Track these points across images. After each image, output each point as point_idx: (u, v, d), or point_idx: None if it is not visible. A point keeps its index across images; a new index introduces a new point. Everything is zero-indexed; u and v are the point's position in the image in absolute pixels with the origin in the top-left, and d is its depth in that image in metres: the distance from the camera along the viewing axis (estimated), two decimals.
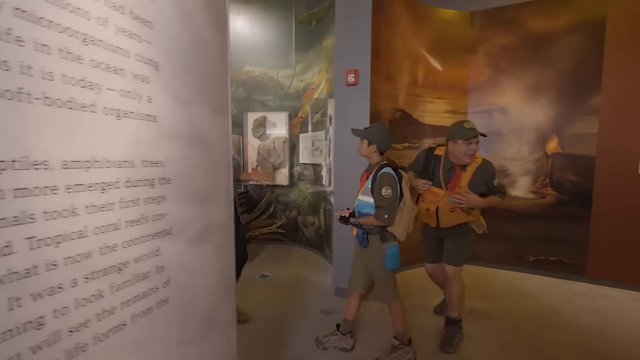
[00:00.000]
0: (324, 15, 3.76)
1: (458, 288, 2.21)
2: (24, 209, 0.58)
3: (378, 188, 1.82)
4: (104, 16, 0.72)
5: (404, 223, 1.88)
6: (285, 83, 4.39)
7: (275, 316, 2.55)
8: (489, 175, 2.10)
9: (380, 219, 1.81)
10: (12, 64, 0.56)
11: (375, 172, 1.88)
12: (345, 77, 2.71)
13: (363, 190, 1.93)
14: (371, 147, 1.91)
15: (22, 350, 0.58)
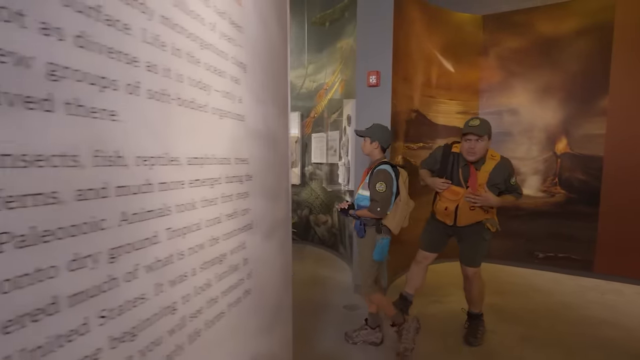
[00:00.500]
0: (338, 17, 3.81)
1: (479, 286, 2.28)
2: (165, 202, 0.63)
3: (373, 183, 1.93)
4: (213, 21, 0.77)
5: (398, 217, 1.98)
6: (297, 83, 4.43)
7: (302, 312, 2.60)
8: (507, 173, 2.08)
9: (373, 211, 1.92)
10: (158, 67, 0.61)
11: (373, 169, 1.98)
12: (367, 78, 2.77)
13: (363, 185, 2.04)
14: (373, 145, 2.01)
15: (162, 333, 0.63)
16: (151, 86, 0.58)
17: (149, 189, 0.58)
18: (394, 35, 2.77)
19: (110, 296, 0.51)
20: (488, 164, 2.07)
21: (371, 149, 2.02)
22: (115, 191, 0.52)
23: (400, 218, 1.99)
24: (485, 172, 2.06)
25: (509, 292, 3.04)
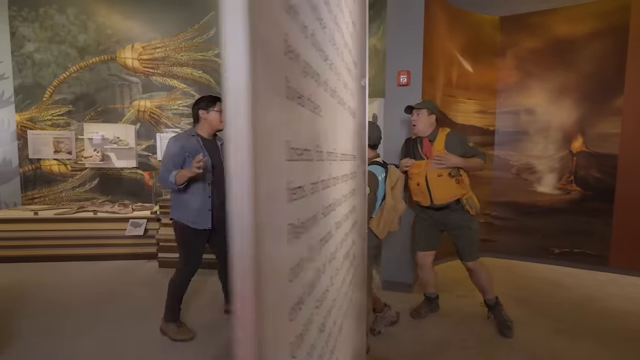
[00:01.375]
0: None
1: (485, 274, 2.36)
2: (334, 197, 0.64)
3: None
4: (347, 21, 0.79)
5: (383, 222, 1.95)
6: None
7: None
8: (461, 137, 2.29)
9: None
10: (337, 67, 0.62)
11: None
12: (397, 77, 2.80)
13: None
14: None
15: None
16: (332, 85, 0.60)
17: (334, 183, 0.60)
18: (423, 36, 2.81)
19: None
20: (440, 135, 2.28)
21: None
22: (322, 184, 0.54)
23: (385, 222, 1.95)
24: (440, 142, 2.26)
25: (530, 287, 3.12)
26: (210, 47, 4.47)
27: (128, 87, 4.51)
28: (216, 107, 2.09)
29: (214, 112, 2.08)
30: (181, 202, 2.09)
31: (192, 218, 2.08)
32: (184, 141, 2.05)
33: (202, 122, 2.11)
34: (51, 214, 3.82)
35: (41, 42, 4.34)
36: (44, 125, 4.42)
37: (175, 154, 2.03)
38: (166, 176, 2.01)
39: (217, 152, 2.18)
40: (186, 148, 2.04)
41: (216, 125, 2.12)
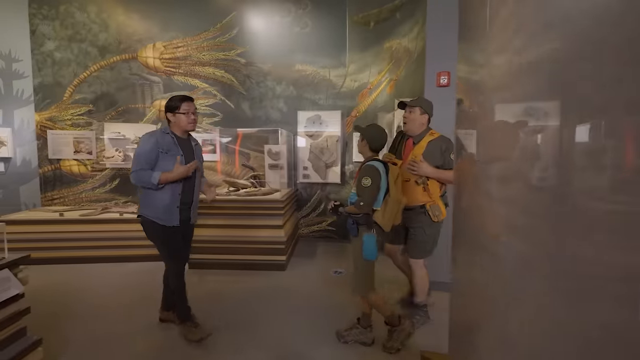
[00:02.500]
0: (386, 17, 3.85)
1: (421, 277, 2.40)
2: None
3: (359, 179, 1.95)
4: None
5: (388, 214, 1.98)
6: (337, 82, 4.45)
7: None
8: (445, 146, 2.19)
9: (357, 205, 1.93)
10: None
11: (361, 165, 2.02)
12: (437, 78, 2.82)
13: (355, 183, 2.05)
14: (363, 143, 2.05)
15: None
16: None
17: None
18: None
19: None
20: (425, 139, 2.25)
21: (361, 146, 2.08)
22: None
23: (389, 214, 1.98)
24: (421, 147, 2.24)
25: None
26: (232, 46, 4.45)
27: (149, 86, 4.46)
28: (181, 109, 2.06)
29: (179, 114, 2.07)
30: (151, 199, 2.07)
31: (160, 215, 2.07)
32: (159, 137, 2.05)
33: (172, 124, 2.12)
34: (76, 215, 3.77)
35: (61, 40, 4.28)
36: (64, 125, 4.36)
37: (150, 150, 2.01)
38: (145, 176, 1.98)
39: (190, 152, 2.17)
40: (160, 144, 2.03)
41: (184, 126, 2.10)
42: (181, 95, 2.13)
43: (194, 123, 2.13)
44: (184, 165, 2.03)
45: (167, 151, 2.04)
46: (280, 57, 4.45)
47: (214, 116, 4.53)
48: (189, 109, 2.08)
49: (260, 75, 4.49)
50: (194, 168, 2.09)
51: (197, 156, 2.22)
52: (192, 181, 2.19)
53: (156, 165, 2.04)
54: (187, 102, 2.09)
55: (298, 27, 4.42)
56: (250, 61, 4.47)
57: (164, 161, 2.04)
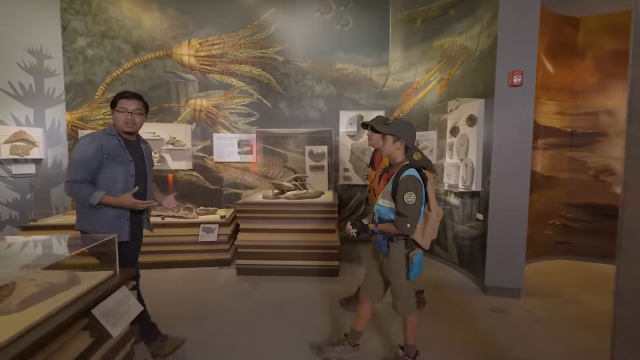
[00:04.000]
0: (436, 15, 3.74)
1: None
2: None
3: (400, 193, 1.62)
4: None
5: (429, 231, 1.71)
6: (379, 81, 4.33)
7: (457, 317, 2.53)
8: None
9: (401, 228, 1.63)
10: None
11: (398, 174, 1.67)
12: (509, 78, 2.72)
13: (383, 194, 1.74)
14: (397, 144, 1.70)
15: None
16: None
17: None
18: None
19: None
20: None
21: (393, 149, 1.71)
22: None
23: (431, 231, 1.72)
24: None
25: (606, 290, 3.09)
26: (270, 43, 4.31)
27: (184, 85, 4.30)
28: (118, 106, 1.75)
29: (116, 112, 1.76)
30: (93, 210, 1.73)
31: (107, 229, 1.71)
32: (102, 140, 1.73)
33: (114, 122, 1.81)
34: None
35: (93, 36, 4.10)
36: (96, 125, 4.19)
37: (91, 156, 1.68)
38: (82, 192, 1.67)
39: (140, 157, 1.90)
40: (105, 149, 1.72)
41: (119, 126, 1.77)
42: (125, 91, 1.82)
43: (132, 125, 1.77)
44: (132, 199, 1.70)
45: (114, 157, 1.73)
46: (320, 55, 4.33)
47: (251, 116, 4.38)
48: (126, 107, 1.75)
49: (299, 74, 4.36)
50: (144, 207, 1.79)
51: (147, 160, 1.95)
52: (142, 188, 1.87)
53: (99, 173, 1.72)
54: (126, 99, 1.77)
55: (339, 25, 4.30)
56: (289, 59, 4.33)
57: (110, 169, 1.73)
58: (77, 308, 1.00)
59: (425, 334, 2.28)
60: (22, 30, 3.81)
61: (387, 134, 1.70)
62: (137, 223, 1.92)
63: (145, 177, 1.92)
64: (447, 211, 3.60)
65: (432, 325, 2.41)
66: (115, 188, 1.75)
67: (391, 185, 1.68)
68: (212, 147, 4.35)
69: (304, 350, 2.11)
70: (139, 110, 1.80)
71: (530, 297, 2.88)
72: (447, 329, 2.37)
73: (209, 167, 4.39)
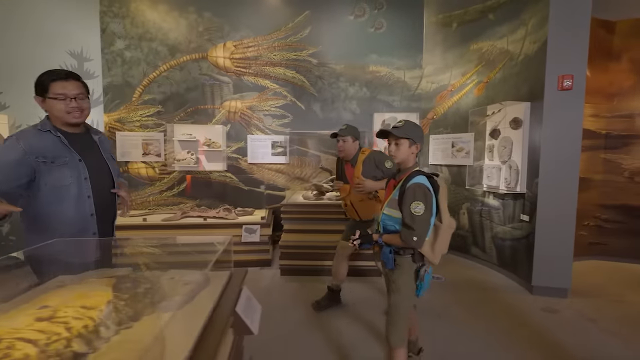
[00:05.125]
0: (473, 18, 3.79)
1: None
2: None
3: (407, 202, 1.45)
4: None
5: (440, 245, 1.55)
6: (412, 84, 4.38)
7: (510, 318, 2.58)
8: (378, 158, 2.40)
9: (407, 241, 1.47)
10: None
11: (405, 181, 1.49)
12: (559, 81, 2.77)
13: (389, 202, 1.56)
14: (412, 148, 1.54)
15: None
16: None
17: None
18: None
19: None
20: (359, 159, 2.44)
21: (408, 153, 1.54)
22: None
23: (442, 245, 1.55)
24: (358, 168, 2.43)
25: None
26: (304, 46, 4.35)
27: (219, 86, 4.35)
28: (51, 93, 1.36)
29: (49, 100, 1.38)
30: (42, 224, 1.37)
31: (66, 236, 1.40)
32: (32, 140, 1.35)
33: (47, 113, 1.44)
34: (158, 219, 3.65)
35: (131, 39, 4.14)
36: (133, 127, 4.23)
37: (14, 161, 1.30)
38: None
39: (94, 152, 1.52)
40: (37, 150, 1.34)
41: (61, 117, 1.40)
42: (53, 70, 1.39)
43: (79, 113, 1.41)
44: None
45: (53, 159, 1.36)
46: (354, 58, 4.37)
47: (284, 117, 4.43)
48: (66, 92, 1.37)
49: (333, 76, 4.40)
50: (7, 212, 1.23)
51: (105, 153, 1.57)
52: (106, 192, 1.53)
53: (39, 181, 1.35)
54: (62, 82, 1.37)
55: (372, 28, 4.34)
56: (322, 62, 4.38)
57: (52, 174, 1.36)
58: (228, 306, 1.04)
59: (482, 333, 2.33)
60: (64, 34, 3.86)
61: (402, 138, 1.51)
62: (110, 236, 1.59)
63: (108, 176, 1.54)
64: (486, 212, 3.65)
65: (488, 325, 2.46)
66: (67, 197, 1.38)
67: (397, 193, 1.51)
68: (246, 148, 4.40)
69: (371, 349, 2.16)
70: (82, 93, 1.43)
71: (576, 297, 2.93)
72: (502, 329, 2.42)
73: (243, 168, 4.43)
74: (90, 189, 1.45)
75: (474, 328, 2.42)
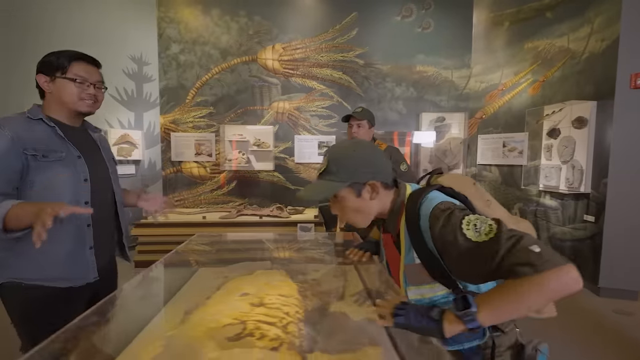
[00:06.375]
0: (527, 17, 3.76)
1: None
2: None
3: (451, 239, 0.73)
4: None
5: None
6: (460, 83, 4.37)
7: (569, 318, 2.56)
8: (394, 158, 2.06)
9: (549, 280, 0.61)
10: None
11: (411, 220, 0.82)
12: (631, 80, 2.73)
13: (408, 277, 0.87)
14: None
15: None
16: None
17: None
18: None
19: None
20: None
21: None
22: None
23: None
24: None
25: None
26: (351, 47, 4.40)
27: (267, 88, 4.45)
28: (70, 72, 1.13)
29: (63, 81, 1.13)
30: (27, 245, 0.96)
31: (59, 271, 1.10)
32: (19, 128, 1.06)
33: (48, 97, 1.16)
34: (216, 217, 3.78)
35: (186, 43, 4.30)
36: (186, 128, 4.38)
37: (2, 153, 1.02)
38: None
39: (93, 150, 1.26)
40: (26, 141, 1.06)
41: (72, 103, 1.15)
42: (75, 51, 1.17)
43: (94, 104, 1.20)
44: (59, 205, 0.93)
45: (46, 153, 1.08)
46: (400, 58, 4.40)
47: (331, 118, 4.49)
48: (87, 77, 1.16)
49: (379, 77, 4.44)
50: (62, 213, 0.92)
51: (106, 154, 1.32)
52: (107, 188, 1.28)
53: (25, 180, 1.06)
54: (86, 64, 1.17)
55: (420, 28, 4.36)
56: (369, 62, 4.42)
57: (43, 173, 1.07)
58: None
59: (555, 334, 2.32)
60: (125, 39, 4.04)
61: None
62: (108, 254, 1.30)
63: (108, 181, 1.29)
64: (541, 213, 3.61)
65: (562, 326, 2.45)
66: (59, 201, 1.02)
67: (409, 250, 0.84)
68: (293, 148, 4.48)
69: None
70: (102, 82, 1.23)
71: None
72: (575, 330, 2.41)
73: (290, 167, 4.52)
74: (90, 193, 1.15)
75: (547, 327, 2.41)
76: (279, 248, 1.73)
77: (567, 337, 2.30)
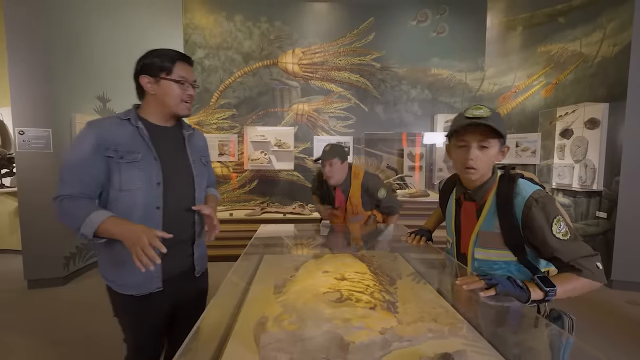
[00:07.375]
0: (540, 22, 3.91)
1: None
2: None
3: (543, 229, 0.99)
4: None
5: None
6: (473, 86, 4.53)
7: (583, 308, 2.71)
8: (370, 187, 2.05)
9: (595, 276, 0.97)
10: None
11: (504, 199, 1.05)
12: None
13: (481, 240, 1.09)
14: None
15: None
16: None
17: None
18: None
19: None
20: (354, 185, 2.06)
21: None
22: None
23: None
24: (356, 193, 2.06)
25: None
26: (368, 51, 4.58)
27: (288, 91, 4.63)
28: (174, 73, 1.13)
29: (168, 82, 1.13)
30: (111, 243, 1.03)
31: (124, 276, 1.11)
32: (105, 129, 1.07)
33: (149, 98, 1.15)
34: (242, 214, 3.97)
35: (210, 48, 4.49)
36: (210, 129, 4.57)
37: (86, 157, 1.03)
38: (73, 212, 1.01)
39: (177, 150, 1.20)
40: (108, 141, 1.06)
41: (174, 106, 1.15)
42: (173, 50, 1.18)
43: (190, 103, 1.19)
44: (150, 232, 0.96)
45: (125, 154, 1.07)
46: (416, 61, 4.56)
47: (348, 119, 4.67)
48: (187, 77, 1.15)
49: (395, 80, 4.61)
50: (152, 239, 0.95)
51: (193, 154, 1.24)
52: (184, 192, 1.20)
53: (110, 183, 1.07)
54: (185, 64, 1.17)
55: (435, 32, 4.52)
56: (385, 65, 4.59)
57: (120, 175, 1.06)
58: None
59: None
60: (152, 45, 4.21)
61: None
62: (180, 260, 1.21)
63: (189, 185, 1.21)
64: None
65: (574, 315, 2.60)
66: (133, 207, 1.07)
67: (495, 222, 1.04)
68: (312, 148, 4.66)
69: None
70: (196, 82, 1.21)
71: None
72: (590, 320, 2.57)
73: (309, 167, 4.70)
74: (162, 198, 1.11)
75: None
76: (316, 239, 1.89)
77: (581, 325, 2.46)
